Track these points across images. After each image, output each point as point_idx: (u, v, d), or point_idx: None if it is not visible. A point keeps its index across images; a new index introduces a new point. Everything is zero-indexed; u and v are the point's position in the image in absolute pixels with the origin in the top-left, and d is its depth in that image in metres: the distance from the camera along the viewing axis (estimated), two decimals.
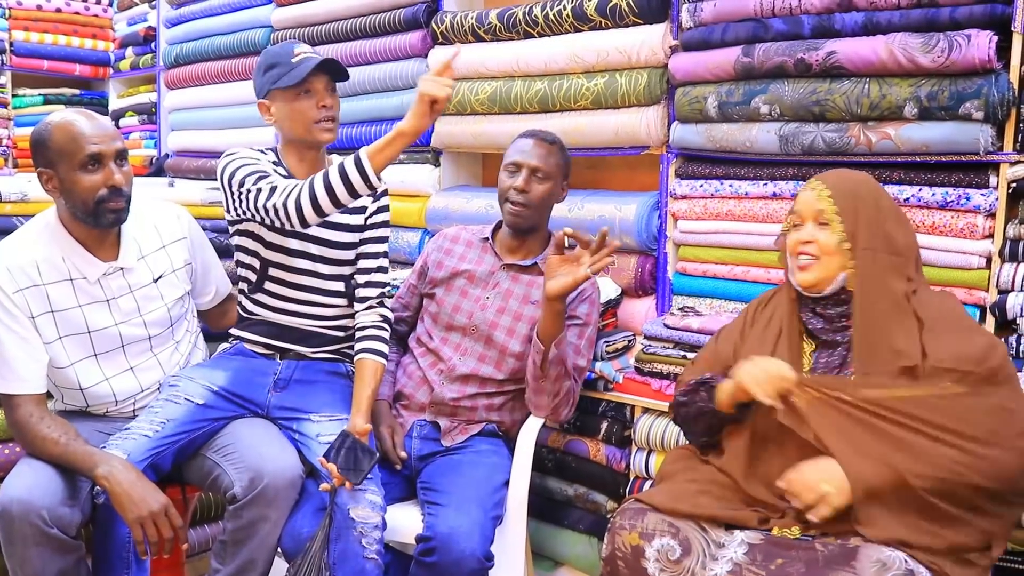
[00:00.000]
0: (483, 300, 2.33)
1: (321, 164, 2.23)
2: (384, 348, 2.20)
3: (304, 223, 1.97)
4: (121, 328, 2.08)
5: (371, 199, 2.26)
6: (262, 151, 2.22)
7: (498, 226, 2.44)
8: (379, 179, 1.93)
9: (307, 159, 2.21)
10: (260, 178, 2.04)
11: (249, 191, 2.03)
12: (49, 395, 2.05)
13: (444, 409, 2.26)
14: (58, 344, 2.00)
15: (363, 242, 2.25)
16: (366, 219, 2.25)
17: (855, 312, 1.73)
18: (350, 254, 2.24)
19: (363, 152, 1.92)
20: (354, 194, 1.93)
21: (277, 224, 2.02)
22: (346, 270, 2.25)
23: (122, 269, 2.07)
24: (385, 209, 2.29)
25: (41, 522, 1.74)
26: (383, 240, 2.29)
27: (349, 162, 1.92)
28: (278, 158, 2.22)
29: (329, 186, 1.92)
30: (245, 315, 2.27)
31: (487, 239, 2.44)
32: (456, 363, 2.28)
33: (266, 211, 2.00)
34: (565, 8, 2.77)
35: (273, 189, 2.00)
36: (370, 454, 1.95)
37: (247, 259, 2.22)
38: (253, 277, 2.22)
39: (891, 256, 1.74)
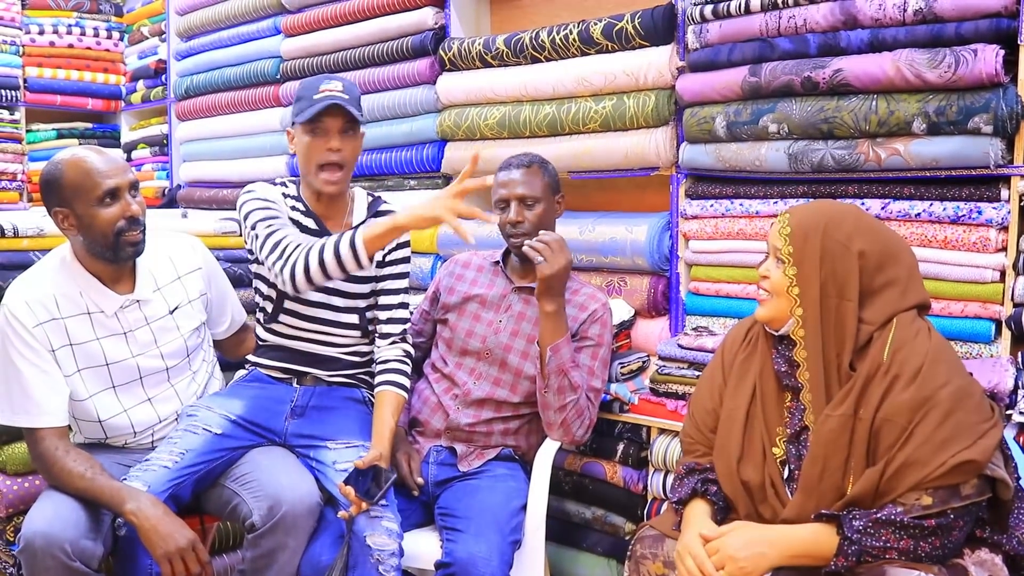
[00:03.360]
0: (496, 324, 2.34)
1: (340, 200, 2.24)
2: (406, 382, 2.21)
3: (296, 291, 1.99)
4: (139, 360, 2.09)
5: None
6: (284, 183, 2.24)
7: (508, 250, 2.45)
8: (370, 261, 1.95)
9: (323, 198, 2.21)
10: (269, 227, 2.06)
11: (257, 236, 2.06)
12: (68, 428, 2.06)
13: (460, 434, 2.26)
14: (77, 377, 2.02)
15: (383, 279, 2.25)
16: (384, 256, 2.25)
17: (805, 367, 1.64)
18: (365, 288, 2.24)
19: (360, 236, 1.92)
20: (345, 272, 1.95)
21: (276, 282, 2.05)
22: (360, 303, 2.25)
23: (138, 301, 2.08)
24: (405, 245, 2.29)
25: (64, 555, 1.74)
26: (403, 276, 2.28)
27: (345, 242, 1.93)
28: (298, 192, 2.24)
29: (322, 261, 1.94)
30: (260, 342, 2.29)
31: (498, 263, 2.45)
32: (471, 387, 2.28)
33: (269, 268, 2.03)
34: (572, 32, 2.79)
35: (275, 245, 2.01)
36: (387, 475, 1.95)
37: (265, 289, 2.23)
38: (270, 308, 2.23)
39: (847, 303, 1.60)
